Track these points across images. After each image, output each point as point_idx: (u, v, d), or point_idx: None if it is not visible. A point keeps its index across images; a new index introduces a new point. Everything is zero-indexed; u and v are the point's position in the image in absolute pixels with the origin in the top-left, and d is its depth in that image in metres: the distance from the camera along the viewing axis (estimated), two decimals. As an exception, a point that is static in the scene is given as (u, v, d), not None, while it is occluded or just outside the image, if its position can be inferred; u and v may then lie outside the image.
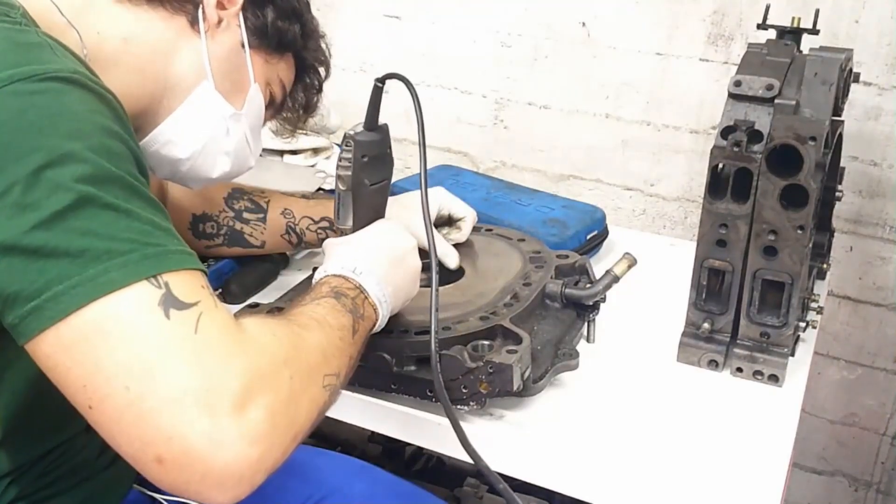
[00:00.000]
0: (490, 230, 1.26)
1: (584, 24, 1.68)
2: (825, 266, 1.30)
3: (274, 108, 1.06)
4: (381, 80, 0.92)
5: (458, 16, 1.79)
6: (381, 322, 0.91)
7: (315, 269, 1.17)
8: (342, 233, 0.98)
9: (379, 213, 0.99)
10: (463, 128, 1.85)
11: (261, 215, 1.24)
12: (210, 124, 0.97)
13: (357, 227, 0.97)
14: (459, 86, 1.83)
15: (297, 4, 1.03)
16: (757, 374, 1.06)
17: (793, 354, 1.09)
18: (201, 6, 0.92)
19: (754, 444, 0.95)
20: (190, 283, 0.67)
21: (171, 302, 0.65)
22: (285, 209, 1.24)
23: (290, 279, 1.23)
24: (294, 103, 1.08)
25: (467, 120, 1.84)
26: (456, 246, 1.17)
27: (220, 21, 0.94)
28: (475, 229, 1.22)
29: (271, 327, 0.74)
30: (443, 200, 1.20)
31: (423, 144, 0.94)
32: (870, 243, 1.58)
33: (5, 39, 0.71)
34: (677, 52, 1.62)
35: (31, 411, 0.80)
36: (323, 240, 1.24)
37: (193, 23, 0.92)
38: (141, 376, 0.62)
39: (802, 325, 1.11)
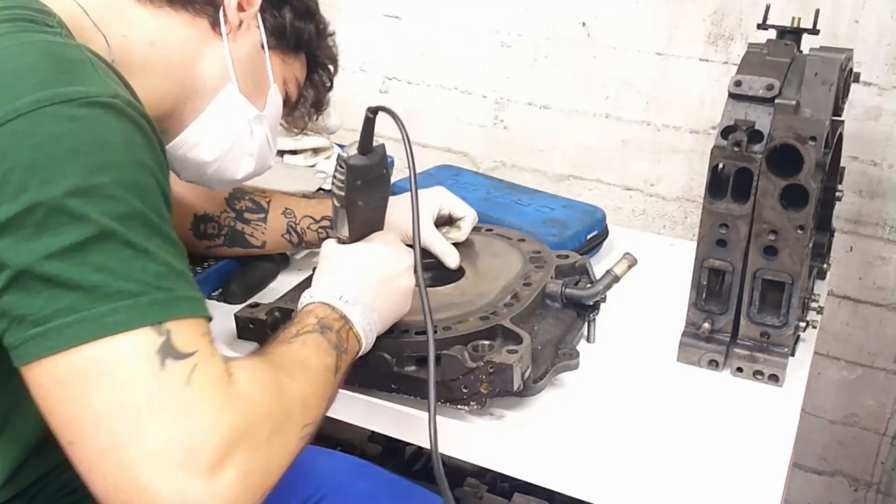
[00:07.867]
0: (490, 230, 1.25)
1: (584, 24, 1.68)
2: (825, 266, 1.30)
3: (289, 106, 1.07)
4: (374, 111, 0.90)
5: (458, 16, 1.79)
6: (365, 350, 0.90)
7: (315, 269, 1.18)
8: (339, 240, 0.98)
9: (376, 226, 0.98)
10: (463, 128, 1.85)
11: (262, 215, 1.23)
12: (235, 126, 0.98)
13: (354, 238, 0.96)
14: (459, 86, 1.83)
15: (311, 4, 1.04)
16: (757, 374, 1.06)
17: (793, 354, 1.09)
18: (222, 8, 0.92)
19: (754, 444, 0.95)
20: (191, 332, 0.67)
21: (168, 351, 0.65)
22: (286, 209, 1.24)
23: (290, 279, 1.23)
24: (305, 101, 1.09)
25: (467, 120, 1.84)
26: (456, 246, 1.17)
27: (240, 23, 0.94)
28: (475, 229, 1.22)
29: (260, 379, 0.72)
30: (443, 200, 1.20)
31: (412, 169, 0.92)
32: (870, 243, 1.58)
33: (47, 54, 0.70)
34: (677, 52, 1.62)
35: None
36: (324, 239, 1.25)
37: (214, 25, 0.93)
38: (126, 424, 0.63)
39: (802, 325, 1.11)
